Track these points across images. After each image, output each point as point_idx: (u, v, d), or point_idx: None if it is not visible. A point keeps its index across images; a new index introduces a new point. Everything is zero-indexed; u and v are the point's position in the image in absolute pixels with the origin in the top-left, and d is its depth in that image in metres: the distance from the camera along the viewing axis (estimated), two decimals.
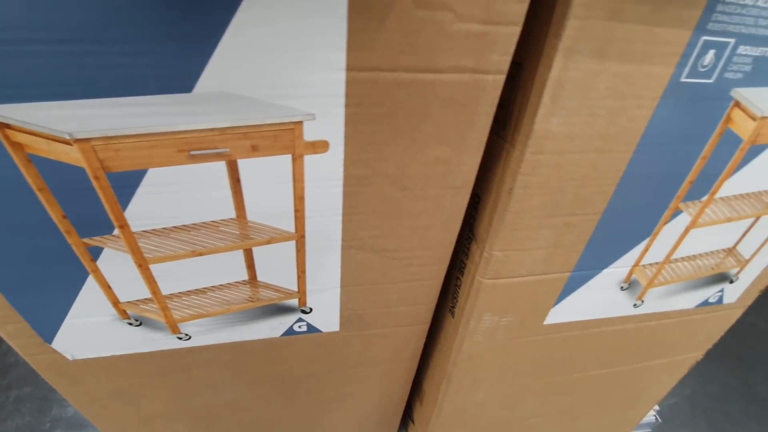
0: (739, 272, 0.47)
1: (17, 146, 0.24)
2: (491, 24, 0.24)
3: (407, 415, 0.71)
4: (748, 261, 0.46)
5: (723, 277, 0.47)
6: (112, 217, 0.28)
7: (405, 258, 0.37)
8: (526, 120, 0.29)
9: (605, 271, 0.41)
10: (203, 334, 0.40)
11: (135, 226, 0.29)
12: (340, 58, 0.24)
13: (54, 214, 0.27)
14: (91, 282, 0.32)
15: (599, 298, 0.44)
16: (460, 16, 0.23)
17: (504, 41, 0.25)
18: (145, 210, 0.29)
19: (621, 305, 0.46)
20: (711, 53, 0.28)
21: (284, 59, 0.23)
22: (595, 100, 0.28)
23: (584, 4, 0.24)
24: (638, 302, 0.46)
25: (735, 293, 0.50)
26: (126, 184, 0.27)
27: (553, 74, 0.27)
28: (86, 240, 0.29)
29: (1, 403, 0.93)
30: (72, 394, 0.44)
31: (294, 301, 0.39)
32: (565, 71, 0.27)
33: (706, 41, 0.28)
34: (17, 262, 0.30)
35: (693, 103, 0.30)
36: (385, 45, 0.24)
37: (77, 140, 0.24)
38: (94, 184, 0.26)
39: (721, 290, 0.49)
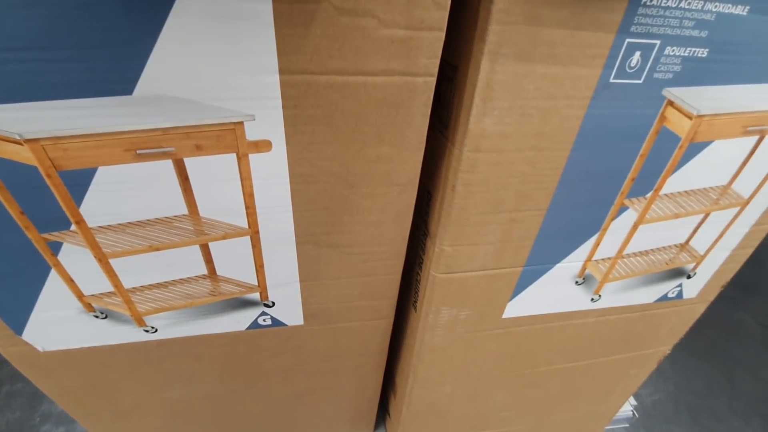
0: (695, 267, 0.48)
1: None
2: (414, 29, 0.25)
3: (384, 409, 0.72)
4: (703, 257, 0.47)
5: (680, 273, 0.49)
6: (67, 213, 0.30)
7: (361, 253, 0.39)
8: (462, 120, 0.31)
9: (558, 265, 0.42)
10: (169, 327, 0.41)
11: (91, 222, 0.31)
12: (272, 62, 0.25)
13: (12, 210, 0.29)
14: (54, 276, 0.34)
15: (556, 293, 0.45)
16: (384, 22, 0.25)
17: (429, 45, 0.26)
18: (99, 207, 0.30)
19: (579, 299, 0.47)
20: (637, 55, 0.30)
21: (219, 63, 0.25)
22: (526, 101, 0.30)
23: (503, 10, 0.26)
24: (595, 296, 0.48)
25: (694, 288, 0.51)
26: (78, 182, 0.29)
27: (481, 77, 0.28)
28: (45, 235, 0.31)
29: None
30: (46, 387, 0.45)
31: (256, 295, 0.41)
32: (493, 74, 0.28)
33: (630, 43, 0.29)
34: None
35: (624, 103, 0.32)
36: (313, 49, 0.25)
37: (27, 140, 0.26)
38: (48, 181, 0.28)
39: (680, 285, 0.50)
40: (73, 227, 0.31)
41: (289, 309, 0.43)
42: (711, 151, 0.37)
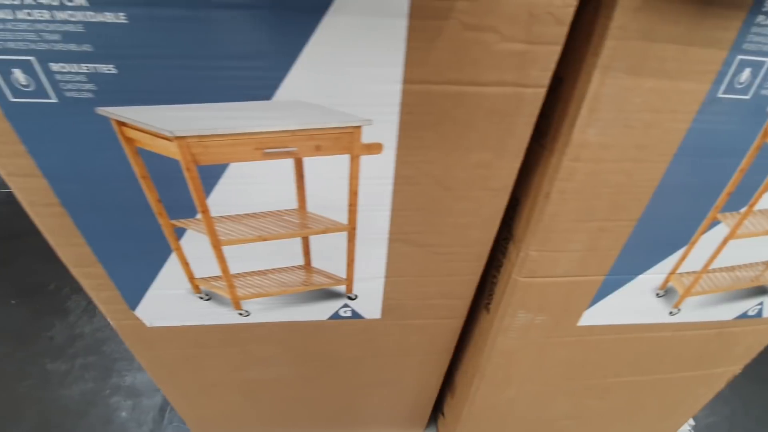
0: None
1: (129, 141, 0.29)
2: (532, 43, 0.27)
3: (437, 409, 0.73)
4: None
5: (762, 290, 0.47)
6: (196, 203, 0.33)
7: (446, 253, 0.41)
8: (565, 130, 0.32)
9: (640, 276, 0.42)
10: (261, 312, 0.45)
11: (214, 212, 0.34)
12: (398, 72, 0.27)
13: (151, 198, 0.33)
14: (173, 258, 0.38)
15: (634, 304, 0.45)
16: (504, 36, 0.26)
17: (544, 59, 0.28)
18: (223, 199, 0.33)
19: (657, 312, 0.47)
20: (747, 71, 0.30)
21: (350, 73, 0.27)
22: (630, 113, 0.30)
23: (621, 26, 0.27)
24: (674, 310, 0.47)
25: None
26: (211, 175, 0.32)
27: (591, 89, 0.29)
28: (174, 222, 0.35)
29: (67, 370, 1.04)
30: (146, 358, 0.50)
31: (342, 288, 0.43)
32: (602, 86, 0.29)
33: (741, 60, 0.29)
34: (117, 238, 0.36)
35: (729, 118, 0.32)
36: (435, 61, 0.27)
37: (176, 137, 0.29)
38: (186, 174, 0.31)
39: (761, 303, 0.48)
40: (198, 216, 0.34)
41: (370, 303, 0.45)
42: None
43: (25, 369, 1.03)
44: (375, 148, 0.31)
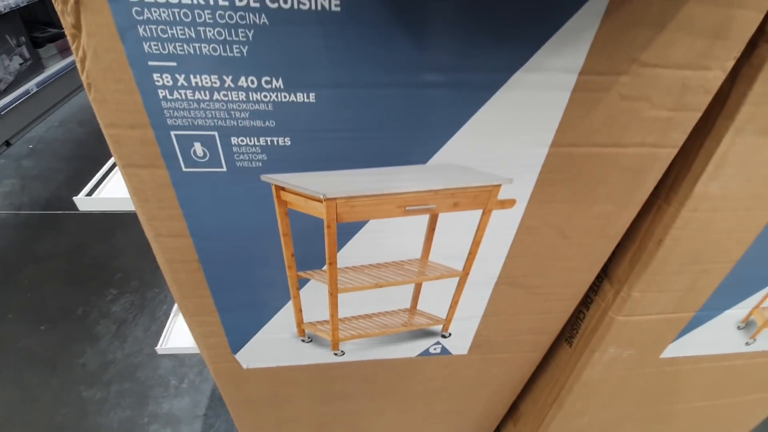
0: None
1: (282, 203, 0.30)
2: (678, 110, 0.28)
3: None
4: None
5: None
6: (327, 256, 0.34)
7: (546, 293, 0.42)
8: (687, 183, 0.33)
9: (727, 311, 0.44)
10: (355, 351, 0.45)
11: (341, 263, 0.35)
12: (548, 137, 0.29)
13: (287, 253, 0.33)
14: (288, 306, 0.38)
15: (716, 336, 0.47)
16: (655, 105, 0.28)
17: (686, 123, 0.29)
18: (354, 251, 0.34)
19: (734, 343, 0.48)
20: None
21: (504, 139, 0.28)
22: (753, 168, 0.32)
23: (761, 93, 0.28)
24: (750, 341, 0.49)
25: None
26: (347, 232, 0.33)
27: (720, 148, 0.31)
28: (301, 273, 0.35)
29: (103, 398, 1.03)
30: (231, 398, 0.50)
31: (438, 327, 0.44)
32: (732, 146, 0.30)
33: None
34: (240, 288, 0.36)
35: None
36: (587, 127, 0.28)
37: (327, 199, 0.30)
38: (326, 231, 0.32)
39: None
40: (325, 267, 0.35)
41: (461, 340, 0.46)
42: None
43: (61, 397, 1.02)
44: (508, 203, 0.33)
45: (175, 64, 0.23)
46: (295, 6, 0.21)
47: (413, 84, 0.25)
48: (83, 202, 0.53)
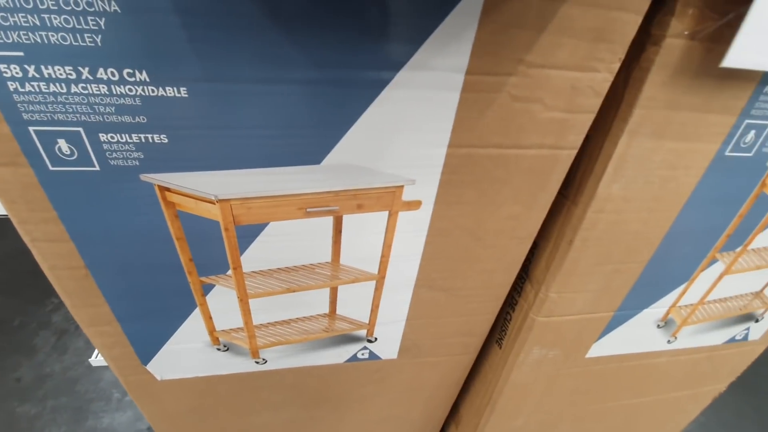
0: (764, 312, 0.51)
1: (170, 204, 0.28)
2: (572, 112, 0.28)
3: None
4: None
5: (749, 317, 0.51)
6: (230, 260, 0.33)
7: (467, 296, 0.42)
8: (590, 184, 0.33)
9: (645, 311, 0.45)
10: (278, 359, 0.44)
11: (246, 267, 0.34)
12: (444, 138, 0.28)
13: (184, 258, 0.32)
14: (196, 313, 0.37)
15: (637, 335, 0.48)
16: (548, 106, 0.28)
17: (580, 125, 0.29)
18: (258, 255, 0.33)
19: (656, 341, 0.50)
20: (752, 133, 0.33)
21: (399, 139, 0.28)
22: (651, 170, 0.33)
23: (650, 97, 0.29)
24: (672, 339, 0.50)
25: (759, 331, 0.54)
26: (248, 234, 0.31)
27: (618, 150, 0.31)
28: (203, 278, 0.34)
29: (38, 413, 0.97)
30: (150, 411, 0.48)
31: (362, 332, 0.43)
32: (628, 148, 0.31)
33: (748, 123, 0.32)
34: (140, 296, 0.34)
35: (734, 172, 0.35)
36: (482, 128, 0.28)
37: (220, 200, 0.28)
38: (224, 234, 0.31)
39: (747, 328, 0.53)
40: (229, 272, 0.34)
41: (388, 344, 0.46)
42: None
43: None
44: (414, 204, 0.32)
45: (22, 53, 0.21)
46: None
47: (295, 80, 0.24)
48: None
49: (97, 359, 0.68)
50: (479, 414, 0.56)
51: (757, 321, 0.52)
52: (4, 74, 0.21)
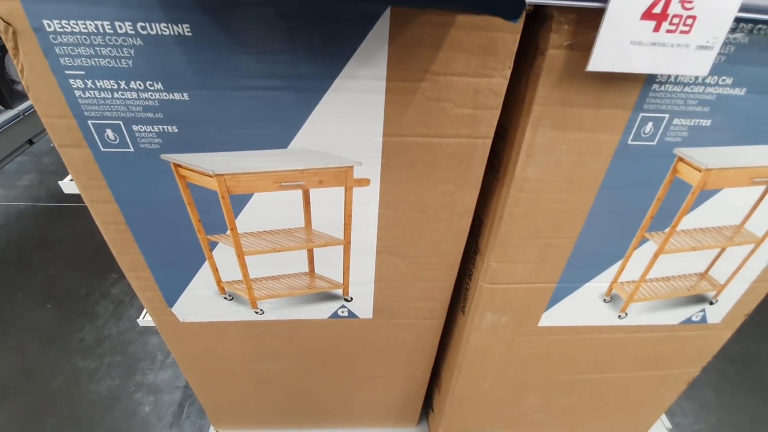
0: (716, 295, 0.55)
1: (182, 177, 0.39)
2: (478, 109, 0.36)
3: (428, 405, 0.82)
4: (723, 286, 0.54)
5: (702, 299, 0.55)
6: (227, 222, 0.43)
7: (424, 263, 0.50)
8: (510, 168, 0.41)
9: (587, 284, 0.51)
10: (273, 310, 0.54)
11: (240, 229, 0.44)
12: (378, 129, 0.37)
13: (194, 219, 0.43)
14: (206, 266, 0.48)
15: (586, 308, 0.54)
16: (457, 104, 0.36)
17: (488, 119, 0.37)
18: (248, 220, 0.43)
19: (606, 316, 0.55)
20: (650, 125, 0.39)
21: (344, 130, 0.37)
22: (559, 156, 0.40)
23: (544, 96, 0.36)
24: (622, 314, 0.55)
25: (718, 314, 0.57)
26: (239, 202, 0.42)
27: (525, 140, 0.38)
28: (209, 237, 0.45)
29: (96, 368, 1.15)
30: (177, 350, 0.60)
31: (339, 291, 0.53)
32: (534, 138, 0.38)
33: (643, 117, 0.38)
34: (164, 249, 0.46)
35: (641, 159, 0.41)
36: (408, 121, 0.37)
37: (216, 174, 0.39)
38: (221, 201, 0.41)
39: (703, 310, 0.57)
40: (228, 232, 0.44)
41: (363, 304, 0.55)
42: (723, 196, 0.45)
43: (58, 367, 1.14)
44: (364, 182, 0.41)
45: (83, 72, 0.32)
46: (159, 32, 0.30)
47: (259, 87, 0.34)
48: (67, 185, 0.64)
49: (144, 320, 0.82)
50: (450, 376, 0.64)
51: (711, 303, 0.56)
52: (72, 86, 0.33)
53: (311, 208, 0.43)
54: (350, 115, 0.36)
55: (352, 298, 0.54)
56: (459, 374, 0.61)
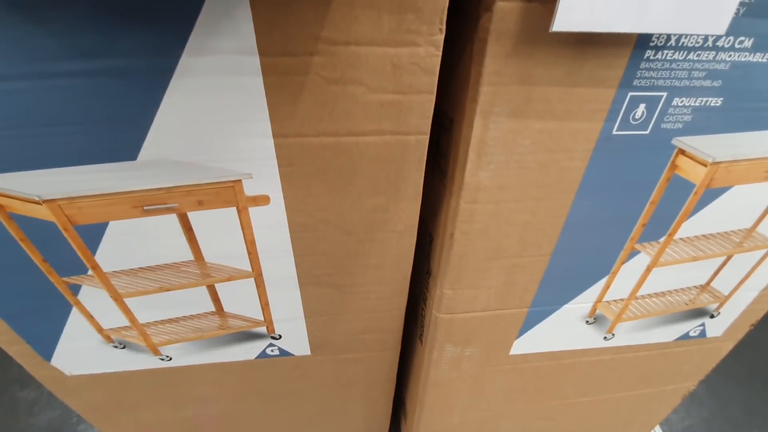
0: (718, 308, 0.46)
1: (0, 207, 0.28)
2: (404, 93, 0.25)
3: (396, 430, 0.73)
4: (727, 297, 0.45)
5: (702, 312, 0.46)
6: (84, 260, 0.32)
7: (363, 292, 0.39)
8: (458, 173, 0.30)
9: (565, 306, 0.41)
10: (183, 356, 0.44)
11: (106, 267, 0.33)
12: (265, 127, 0.26)
13: (35, 258, 0.31)
14: (76, 312, 0.36)
15: (565, 332, 0.44)
16: (372, 88, 0.25)
17: (419, 107, 0.26)
18: (112, 254, 0.32)
19: (590, 338, 0.46)
20: (642, 107, 0.29)
21: (215, 130, 0.26)
22: (522, 155, 0.29)
23: (495, 72, 0.25)
24: (608, 335, 0.46)
25: (719, 327, 0.49)
26: (92, 234, 0.31)
27: (475, 133, 0.28)
28: (65, 279, 0.33)
29: (36, 398, 1.03)
30: (75, 405, 0.49)
31: (263, 329, 0.42)
32: (486, 131, 0.28)
33: (633, 96, 0.28)
34: (13, 296, 0.34)
35: (630, 153, 0.31)
36: (304, 115, 0.26)
37: (45, 201, 0.28)
38: (65, 234, 0.30)
39: (702, 324, 0.48)
40: (90, 272, 0.33)
41: (296, 341, 0.44)
42: (731, 195, 0.35)
43: None
44: (261, 200, 0.30)
45: None
46: None
47: (62, 73, 0.22)
48: None
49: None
50: (413, 410, 0.54)
51: (712, 317, 0.47)
52: None
53: (198, 236, 0.32)
54: (219, 109, 0.25)
55: (281, 336, 0.43)
56: (422, 410, 0.52)
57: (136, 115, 0.25)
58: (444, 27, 0.23)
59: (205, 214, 0.31)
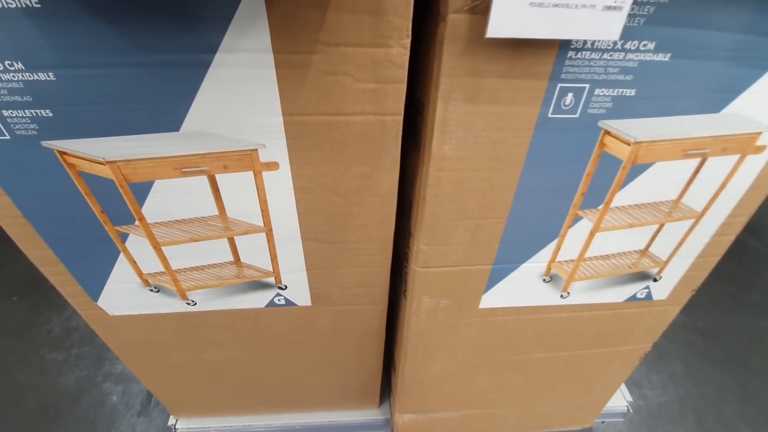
0: (659, 272, 0.54)
1: (71, 166, 0.37)
2: (381, 83, 0.34)
3: (388, 386, 0.81)
4: (666, 263, 0.52)
5: (645, 276, 0.54)
6: (133, 212, 0.41)
7: (354, 249, 0.48)
8: (428, 146, 0.39)
9: (524, 265, 0.49)
10: (206, 301, 0.52)
11: (150, 219, 0.42)
12: (276, 107, 0.34)
13: (95, 209, 0.40)
14: (122, 258, 0.45)
15: (525, 288, 0.52)
16: (357, 79, 0.33)
17: (394, 94, 0.35)
18: (156, 208, 0.41)
19: (548, 296, 0.54)
20: (570, 95, 0.36)
21: (239, 109, 0.34)
22: (477, 132, 0.37)
23: (451, 67, 0.33)
24: (564, 294, 0.54)
25: (663, 291, 0.56)
26: (141, 191, 0.39)
27: (438, 114, 0.36)
28: (117, 228, 0.42)
29: (64, 359, 1.13)
30: (113, 343, 0.58)
31: (272, 279, 0.51)
32: (447, 113, 0.36)
33: (562, 87, 0.36)
34: (72, 242, 0.43)
35: (565, 133, 0.39)
36: (306, 98, 0.34)
37: (108, 162, 0.36)
38: (120, 190, 0.39)
39: (647, 287, 0.55)
40: (137, 223, 0.42)
41: (299, 292, 0.53)
42: (656, 170, 0.43)
43: (26, 359, 1.13)
44: (272, 165, 0.39)
45: None
46: (5, 5, 0.27)
47: (129, 64, 0.31)
48: None
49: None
50: (399, 360, 0.63)
51: (655, 280, 0.55)
52: None
53: (222, 195, 0.41)
54: (243, 93, 0.33)
55: (286, 286, 0.52)
56: (406, 359, 0.60)
57: (180, 97, 0.33)
58: (410, 33, 0.31)
59: (229, 177, 0.39)
